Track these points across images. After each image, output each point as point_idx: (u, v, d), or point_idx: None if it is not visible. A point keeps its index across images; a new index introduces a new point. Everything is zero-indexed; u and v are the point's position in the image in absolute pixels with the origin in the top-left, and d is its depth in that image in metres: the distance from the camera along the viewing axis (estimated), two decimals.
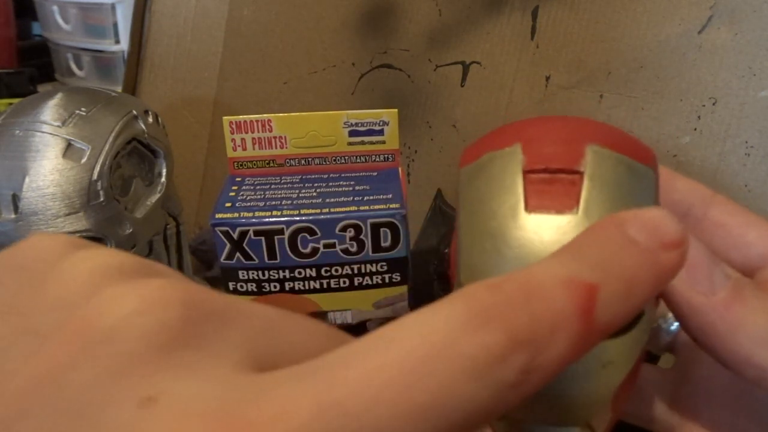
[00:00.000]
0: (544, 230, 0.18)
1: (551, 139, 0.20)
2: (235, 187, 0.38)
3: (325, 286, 0.37)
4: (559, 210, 0.18)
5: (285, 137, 0.39)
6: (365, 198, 0.36)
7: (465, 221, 0.20)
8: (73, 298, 0.14)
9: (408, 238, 0.37)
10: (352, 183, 0.38)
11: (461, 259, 0.19)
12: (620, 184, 0.19)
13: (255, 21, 0.61)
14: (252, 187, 0.38)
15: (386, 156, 0.39)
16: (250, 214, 0.35)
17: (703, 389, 0.23)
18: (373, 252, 0.36)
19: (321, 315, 0.38)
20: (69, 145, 0.41)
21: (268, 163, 0.40)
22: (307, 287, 0.37)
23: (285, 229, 0.35)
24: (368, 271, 0.37)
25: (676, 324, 0.25)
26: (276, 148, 0.39)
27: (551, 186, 0.19)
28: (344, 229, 0.35)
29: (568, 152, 0.19)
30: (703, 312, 0.19)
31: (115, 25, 0.79)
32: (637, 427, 0.25)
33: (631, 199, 0.19)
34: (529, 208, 0.18)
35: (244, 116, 0.38)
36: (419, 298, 0.46)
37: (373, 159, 0.39)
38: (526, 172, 0.19)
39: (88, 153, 0.41)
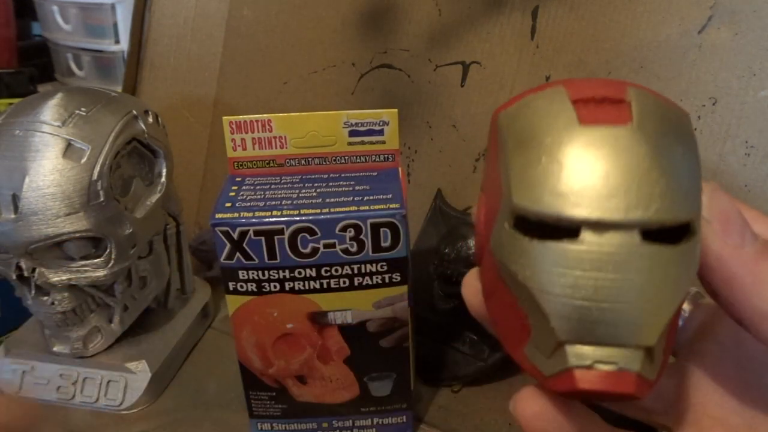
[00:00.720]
0: (600, 140, 0.18)
1: (592, 82, 0.20)
2: (235, 187, 0.38)
3: (325, 286, 0.37)
4: (615, 122, 0.18)
5: (285, 137, 0.39)
6: (365, 198, 0.36)
7: (514, 146, 0.20)
8: None
9: (408, 238, 0.37)
10: (352, 183, 0.38)
11: (513, 183, 0.19)
12: (664, 111, 0.19)
13: (255, 21, 0.61)
14: (252, 187, 0.38)
15: (386, 156, 0.39)
16: (250, 214, 0.35)
17: (708, 381, 0.23)
18: (373, 252, 0.36)
19: (321, 315, 0.38)
20: (69, 145, 0.41)
21: (268, 163, 0.40)
22: (307, 287, 0.37)
23: (285, 229, 0.35)
24: (368, 271, 0.37)
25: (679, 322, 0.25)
26: (276, 148, 0.39)
27: (601, 108, 0.19)
28: (344, 229, 0.35)
29: (612, 87, 0.20)
30: (732, 263, 0.19)
31: (115, 25, 0.79)
32: (641, 423, 0.25)
33: (677, 126, 0.19)
34: (583, 122, 0.19)
35: (244, 116, 0.38)
36: (419, 298, 0.46)
37: (373, 159, 0.39)
38: (574, 101, 0.19)
39: (88, 153, 0.41)
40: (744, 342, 0.22)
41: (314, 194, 0.37)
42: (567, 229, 0.18)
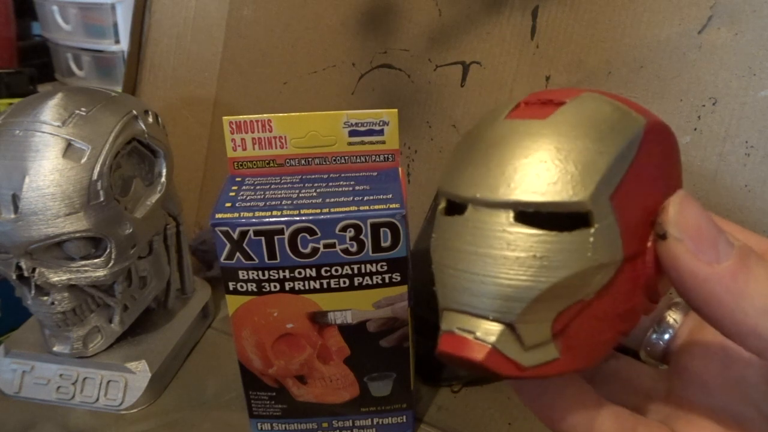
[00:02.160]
0: (509, 130, 0.20)
1: (562, 90, 0.21)
2: (235, 187, 0.38)
3: (325, 286, 0.37)
4: (532, 117, 0.20)
5: (285, 137, 0.39)
6: (365, 198, 0.36)
7: (459, 141, 0.22)
8: None
9: (408, 238, 0.37)
10: (352, 183, 0.38)
11: (444, 172, 0.21)
12: (596, 112, 0.20)
13: (255, 21, 0.61)
14: (252, 187, 0.38)
15: (386, 156, 0.39)
16: (250, 214, 0.35)
17: (698, 380, 0.23)
18: (373, 252, 0.36)
19: (321, 315, 0.38)
20: (69, 145, 0.41)
21: (268, 163, 0.40)
22: (307, 287, 0.37)
23: (285, 229, 0.35)
24: (368, 271, 0.37)
25: (669, 333, 0.25)
26: (276, 148, 0.39)
27: (535, 106, 0.21)
28: (344, 229, 0.35)
29: (568, 93, 0.21)
30: (709, 282, 0.19)
31: (115, 25, 0.79)
32: None
33: (606, 128, 0.19)
34: (508, 117, 0.20)
35: (244, 116, 0.38)
36: (419, 298, 0.46)
37: (373, 159, 0.39)
38: (523, 102, 0.21)
39: (88, 153, 0.41)
40: (729, 345, 0.22)
41: (314, 194, 0.37)
42: (462, 206, 0.20)
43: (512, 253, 0.18)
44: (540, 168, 0.18)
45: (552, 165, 0.18)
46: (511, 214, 0.19)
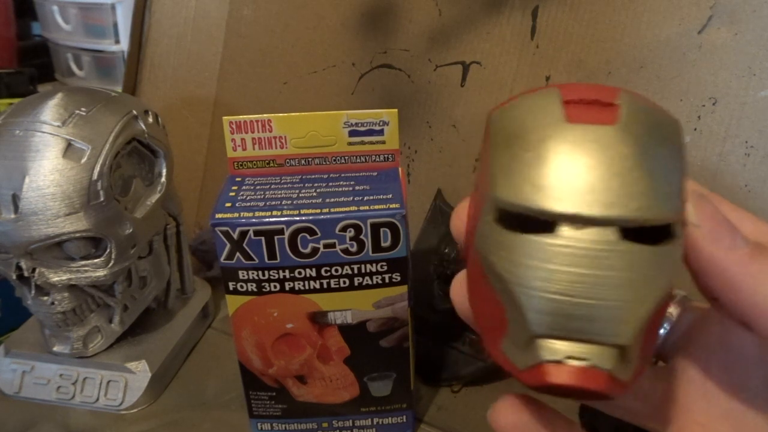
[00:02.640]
0: (584, 137, 0.18)
1: (587, 86, 0.20)
2: (235, 187, 0.38)
3: (325, 286, 0.37)
4: (601, 122, 0.19)
5: (285, 137, 0.39)
6: (365, 198, 0.36)
7: (500, 142, 0.20)
8: None
9: (408, 238, 0.37)
10: (352, 183, 0.38)
11: (497, 177, 0.19)
12: (653, 115, 0.19)
13: (255, 21, 0.61)
14: (252, 187, 0.38)
15: (386, 156, 0.39)
16: (250, 214, 0.35)
17: (695, 385, 0.23)
18: (373, 252, 0.36)
19: (321, 315, 0.38)
20: (69, 145, 0.41)
21: (268, 163, 0.40)
22: (307, 287, 0.37)
23: (285, 229, 0.35)
24: (368, 271, 0.37)
25: (665, 327, 0.25)
26: (276, 148, 0.39)
27: (590, 109, 0.19)
28: (344, 229, 0.35)
29: (605, 92, 0.20)
30: (727, 264, 0.19)
31: (115, 25, 0.79)
32: (631, 425, 0.25)
33: (664, 130, 0.19)
34: (570, 120, 0.19)
35: (244, 116, 0.38)
36: (419, 298, 0.46)
37: (373, 159, 0.39)
38: (565, 102, 0.19)
39: (88, 153, 0.41)
40: (731, 345, 0.22)
41: (314, 194, 0.37)
42: (546, 223, 0.18)
43: (622, 273, 0.18)
44: (635, 180, 0.18)
45: (645, 178, 0.18)
46: (618, 232, 0.18)
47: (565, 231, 0.18)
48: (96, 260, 0.44)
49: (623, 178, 0.18)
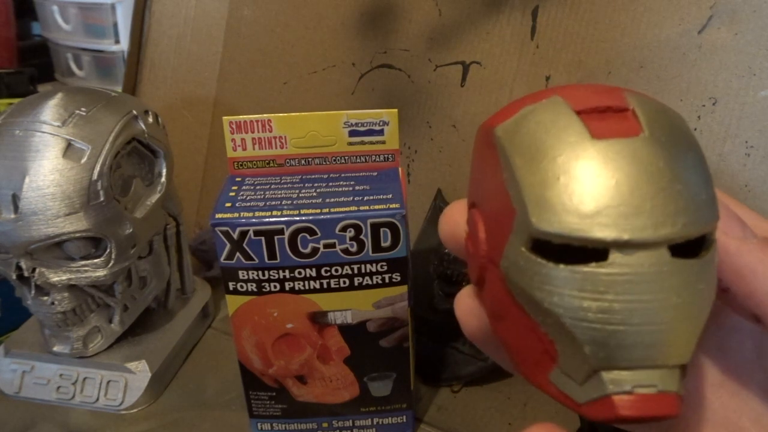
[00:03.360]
0: (617, 154, 0.17)
1: (587, 89, 0.20)
2: (235, 187, 0.38)
3: (325, 286, 0.37)
4: (627, 134, 0.18)
5: (285, 137, 0.39)
6: (365, 198, 0.36)
7: (522, 164, 0.19)
8: None
9: (408, 238, 0.37)
10: (352, 183, 0.38)
11: (529, 205, 0.18)
12: (666, 116, 0.19)
13: (255, 21, 0.61)
14: (252, 187, 0.38)
15: (386, 156, 0.39)
16: (250, 214, 0.35)
17: (692, 377, 0.23)
18: (373, 252, 0.36)
19: (321, 315, 0.38)
20: (69, 145, 0.41)
21: (268, 163, 0.40)
22: (307, 287, 0.37)
23: (285, 229, 0.35)
24: (368, 271, 0.37)
25: None
26: (276, 148, 0.39)
27: (607, 119, 0.18)
28: (344, 229, 0.35)
29: (610, 95, 0.19)
30: (740, 255, 0.19)
31: (115, 25, 0.79)
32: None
33: (683, 131, 0.19)
34: (595, 135, 0.18)
35: (244, 116, 0.38)
36: (419, 298, 0.46)
37: (373, 159, 0.39)
38: (578, 112, 0.19)
39: (88, 153, 0.41)
40: (729, 349, 0.22)
41: (314, 194, 0.37)
42: (592, 251, 0.17)
43: (678, 292, 0.17)
44: (677, 194, 0.17)
45: (685, 191, 0.17)
46: (666, 251, 0.17)
47: (618, 258, 0.17)
48: (96, 260, 0.44)
49: (666, 194, 0.17)
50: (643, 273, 0.17)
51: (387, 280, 0.37)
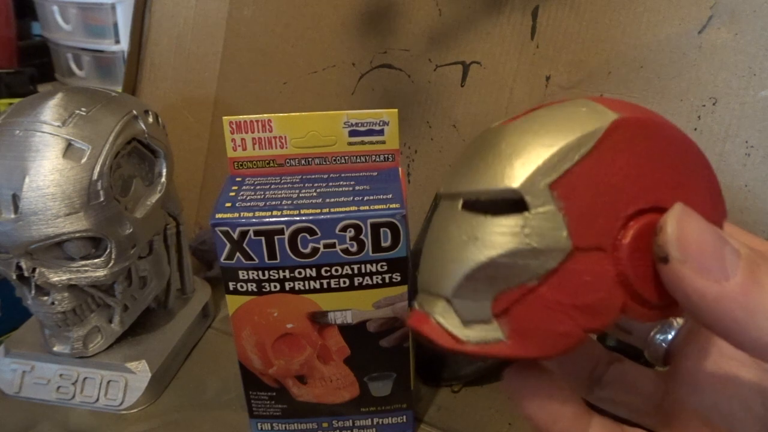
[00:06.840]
0: (486, 134, 0.22)
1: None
2: (235, 187, 0.38)
3: (325, 286, 0.37)
4: (511, 122, 0.22)
5: (285, 137, 0.39)
6: (365, 198, 0.36)
7: None
8: None
9: (408, 238, 0.37)
10: (352, 183, 0.38)
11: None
12: (564, 112, 0.21)
13: (255, 21, 0.61)
14: (252, 187, 0.38)
15: (386, 156, 0.39)
16: (250, 214, 0.35)
17: (690, 380, 0.23)
18: (373, 252, 0.36)
19: (321, 315, 0.38)
20: (69, 145, 0.41)
21: (268, 163, 0.40)
22: (307, 287, 0.37)
23: (285, 229, 0.35)
24: (368, 271, 0.37)
25: (671, 333, 0.25)
26: (276, 148, 0.39)
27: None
28: (344, 229, 0.35)
29: (556, 102, 0.22)
30: (720, 301, 0.18)
31: (115, 25, 0.79)
32: (629, 422, 0.25)
33: (565, 123, 0.21)
34: (501, 123, 0.22)
35: (244, 116, 0.38)
36: None
37: (373, 159, 0.39)
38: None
39: (88, 153, 0.41)
40: (723, 348, 0.22)
41: (314, 194, 0.37)
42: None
43: (456, 237, 0.20)
44: (487, 163, 0.20)
45: (497, 159, 0.20)
46: (460, 203, 0.20)
47: (439, 205, 0.22)
48: (96, 260, 0.44)
49: (479, 162, 0.21)
50: (443, 217, 0.22)
51: (387, 280, 0.37)
